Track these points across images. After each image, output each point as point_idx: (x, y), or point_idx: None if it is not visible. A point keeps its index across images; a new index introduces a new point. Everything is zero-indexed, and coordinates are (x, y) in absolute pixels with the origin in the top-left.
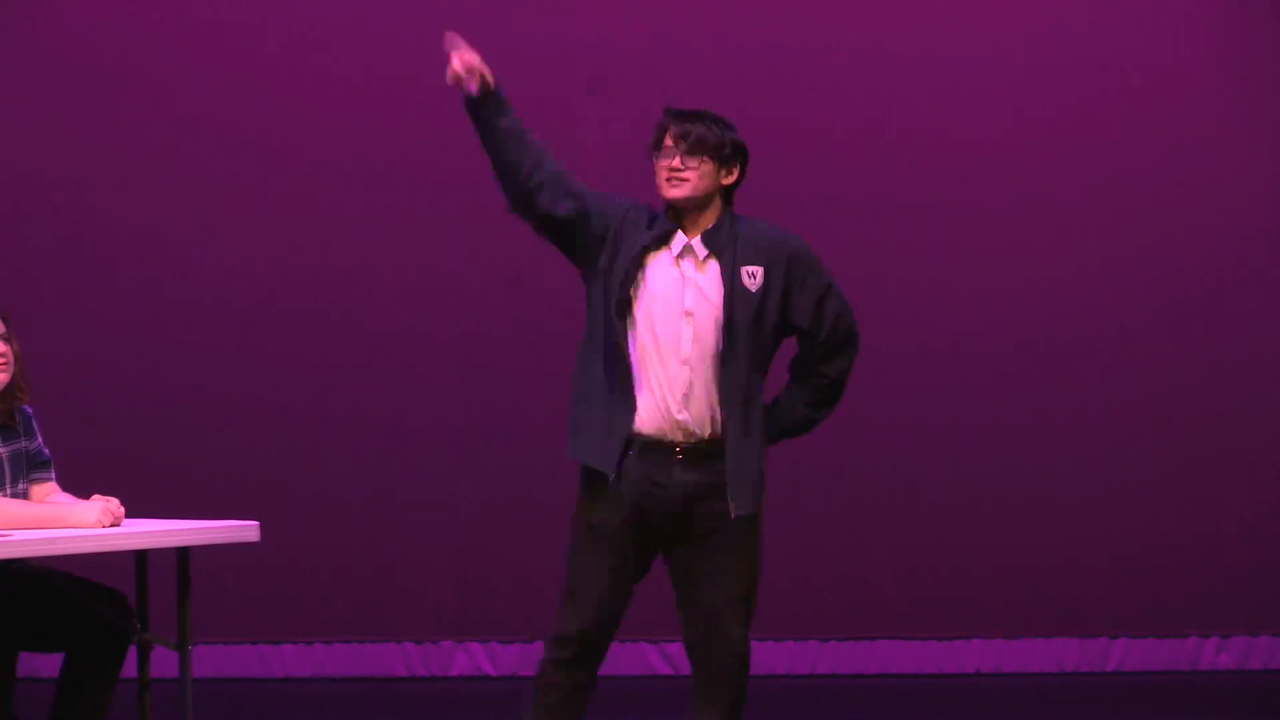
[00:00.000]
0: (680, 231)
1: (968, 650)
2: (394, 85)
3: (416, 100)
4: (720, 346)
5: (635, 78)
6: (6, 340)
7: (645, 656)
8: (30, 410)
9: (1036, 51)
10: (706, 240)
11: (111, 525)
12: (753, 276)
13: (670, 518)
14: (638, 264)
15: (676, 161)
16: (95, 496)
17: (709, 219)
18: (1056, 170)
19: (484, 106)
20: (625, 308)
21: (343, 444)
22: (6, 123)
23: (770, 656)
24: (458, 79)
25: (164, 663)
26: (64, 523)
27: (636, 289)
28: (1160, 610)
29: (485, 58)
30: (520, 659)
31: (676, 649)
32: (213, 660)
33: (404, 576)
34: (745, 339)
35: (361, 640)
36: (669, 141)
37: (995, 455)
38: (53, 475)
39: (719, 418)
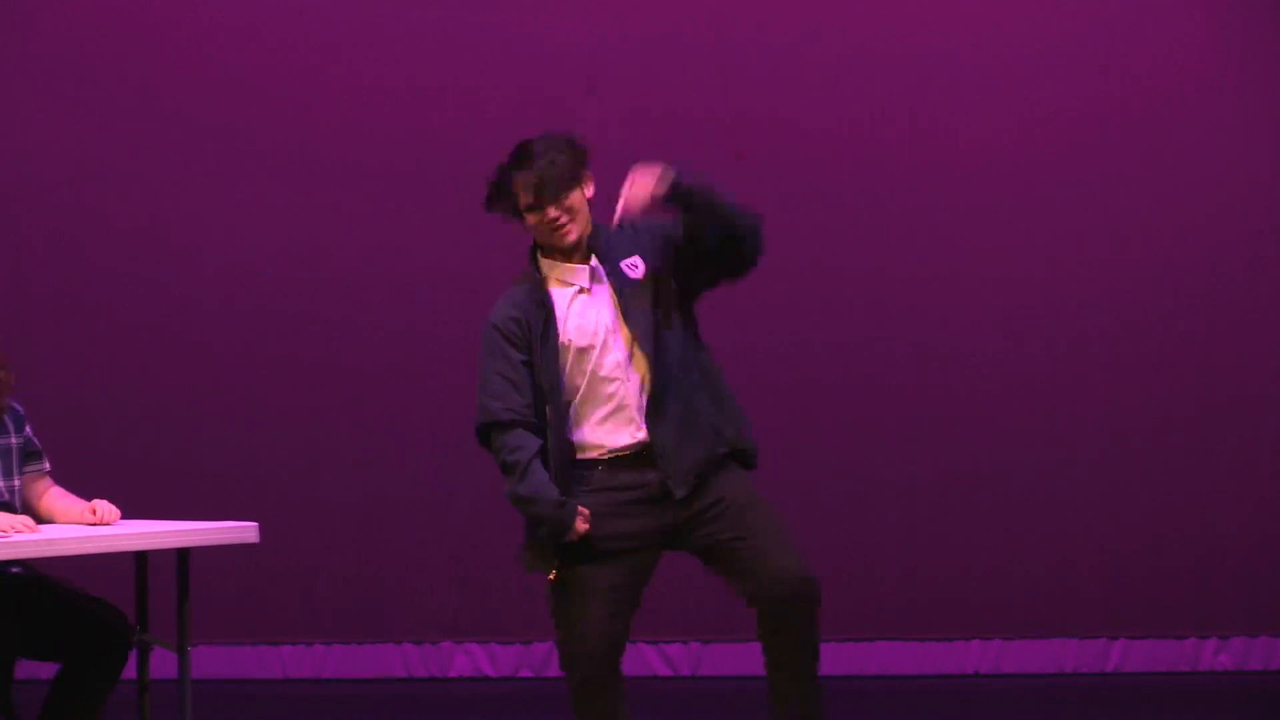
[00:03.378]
0: (568, 272)
1: (967, 651)
2: (394, 85)
3: (416, 100)
4: (628, 350)
5: (632, 78)
6: None
7: (645, 657)
8: (21, 408)
9: (1035, 51)
10: (598, 254)
11: (17, 533)
12: (634, 267)
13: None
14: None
15: (551, 212)
16: (96, 501)
17: (587, 238)
18: (1055, 169)
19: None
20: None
21: (342, 445)
22: (6, 122)
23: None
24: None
25: (163, 664)
26: None
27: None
28: (1159, 611)
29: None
30: (519, 660)
31: (676, 650)
32: (212, 661)
33: (403, 578)
34: (649, 327)
35: (361, 641)
36: (528, 198)
37: (994, 455)
38: (45, 466)
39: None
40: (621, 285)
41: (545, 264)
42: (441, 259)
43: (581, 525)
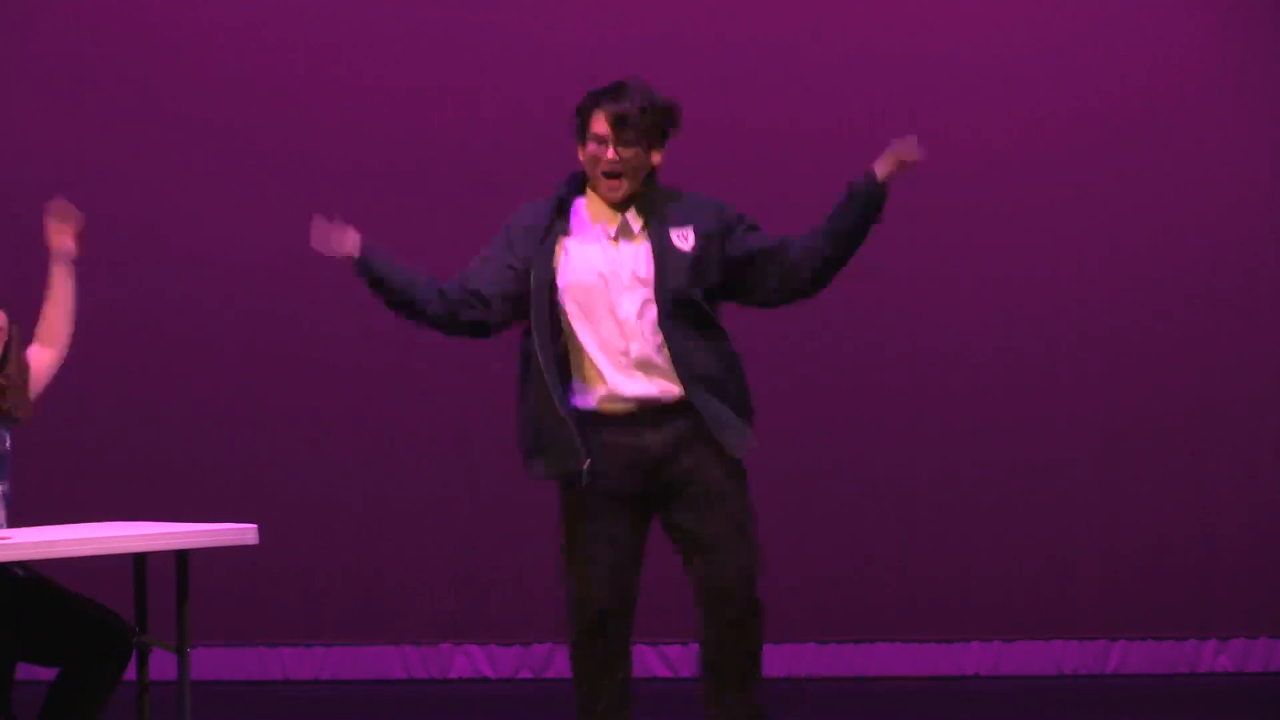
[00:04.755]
0: (601, 213)
1: (966, 652)
2: (394, 85)
3: (416, 100)
4: (657, 308)
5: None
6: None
7: (645, 659)
8: None
9: (1034, 51)
10: (641, 211)
11: None
12: (684, 238)
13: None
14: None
15: (611, 153)
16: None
17: (634, 196)
18: (1054, 170)
19: (365, 269)
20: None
21: (341, 446)
22: (6, 123)
23: (768, 658)
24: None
25: (162, 665)
26: None
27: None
28: (1158, 612)
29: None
30: (519, 661)
31: (675, 652)
32: (211, 663)
33: (403, 579)
34: (680, 298)
35: (360, 643)
36: (601, 129)
37: (993, 457)
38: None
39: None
40: (663, 248)
41: (590, 193)
42: (442, 259)
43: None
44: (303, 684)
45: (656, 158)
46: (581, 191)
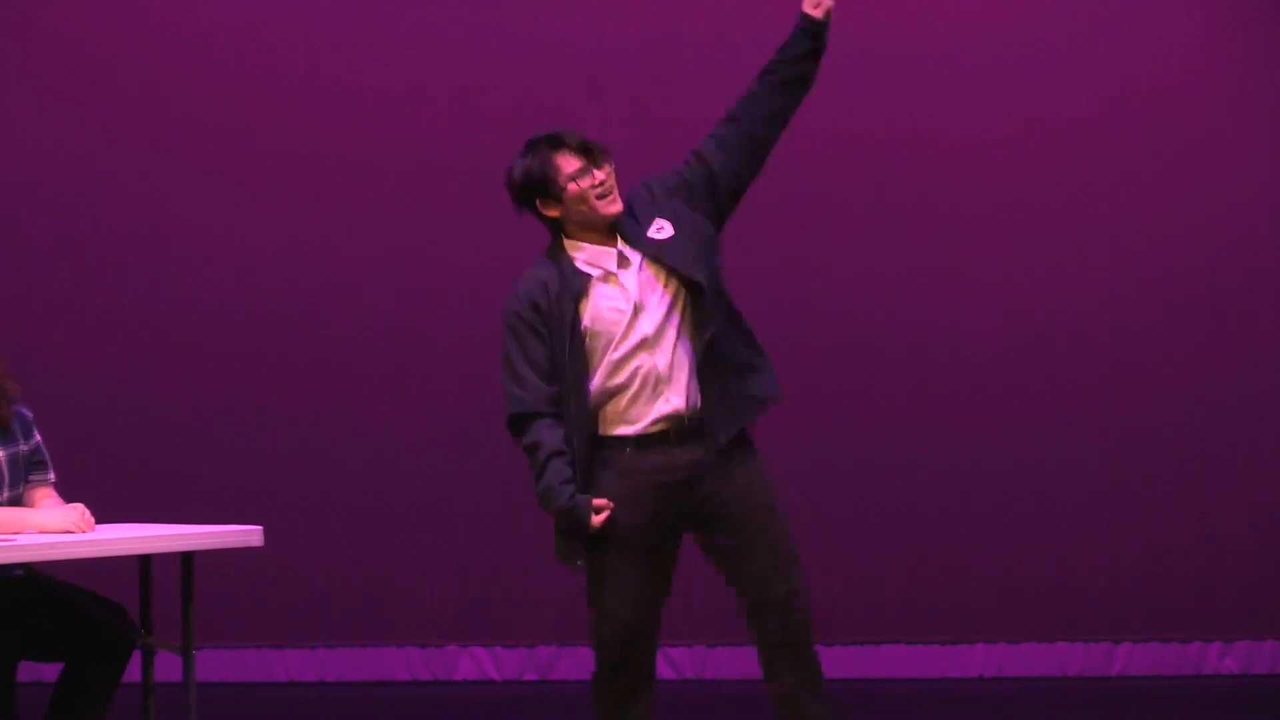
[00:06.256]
0: (596, 255)
1: (970, 655)
2: (395, 87)
3: (417, 103)
4: (678, 319)
5: (633, 79)
6: None
7: None
8: (30, 414)
9: (1035, 53)
10: (624, 236)
11: (79, 531)
12: (660, 229)
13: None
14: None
15: (601, 174)
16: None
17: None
18: (1055, 172)
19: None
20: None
21: (346, 448)
22: (7, 125)
23: None
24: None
25: (167, 667)
26: (24, 526)
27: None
28: (1163, 615)
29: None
30: (524, 663)
31: (680, 653)
32: (216, 665)
33: (407, 580)
34: (694, 287)
35: (365, 645)
36: (577, 163)
37: (997, 459)
38: (50, 477)
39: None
40: (655, 252)
41: (570, 246)
42: (444, 261)
43: (596, 520)
44: (307, 686)
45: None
46: (561, 247)
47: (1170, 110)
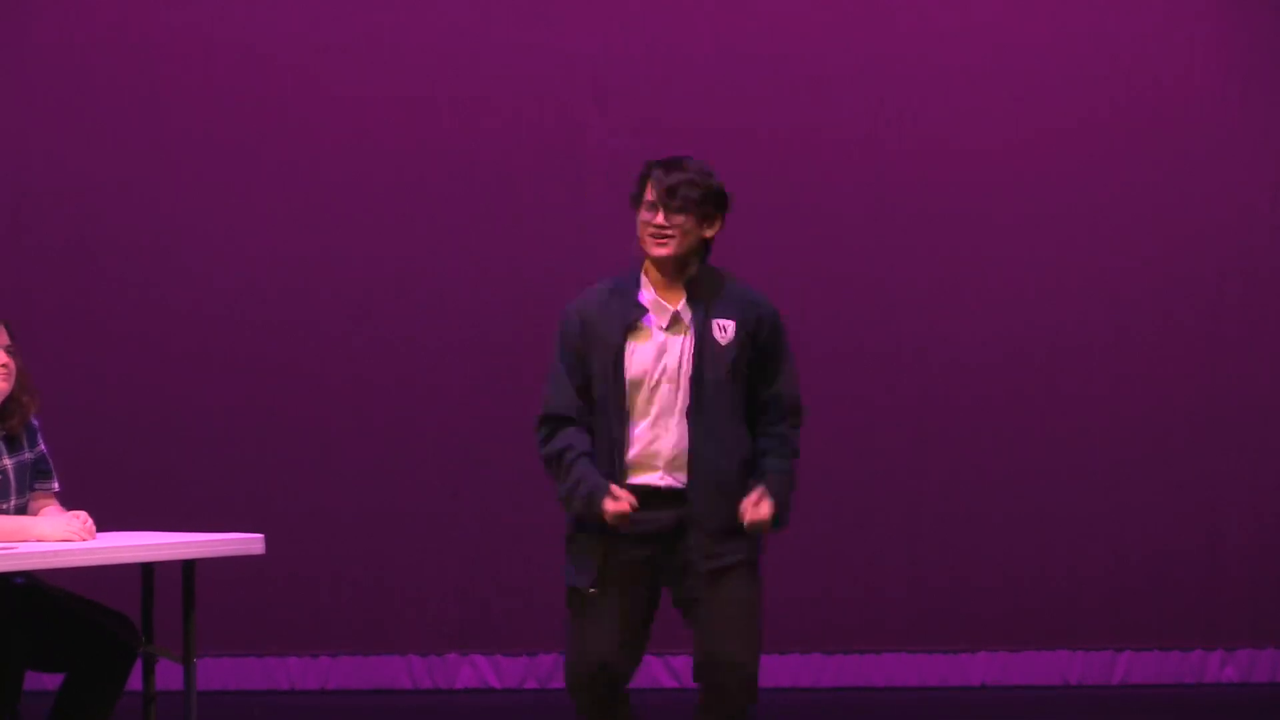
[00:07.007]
0: (657, 303)
1: (972, 663)
2: (401, 96)
3: (423, 112)
4: (688, 400)
5: (639, 89)
6: (9, 351)
7: (651, 669)
8: (36, 423)
9: (1039, 60)
10: (691, 300)
11: (80, 540)
12: (723, 330)
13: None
14: (619, 350)
15: (660, 218)
16: (77, 512)
17: (688, 272)
18: (1058, 180)
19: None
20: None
21: (348, 456)
22: (12, 132)
23: (775, 669)
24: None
25: (169, 675)
26: (26, 535)
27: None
28: (1165, 623)
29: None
30: (525, 672)
31: (682, 662)
32: (217, 673)
33: (409, 589)
34: (714, 390)
35: (366, 653)
36: (652, 196)
37: (998, 467)
38: (54, 486)
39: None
40: (703, 340)
41: (645, 273)
42: (449, 271)
43: (611, 505)
44: (309, 694)
45: (709, 232)
46: (639, 272)
47: (1174, 118)
